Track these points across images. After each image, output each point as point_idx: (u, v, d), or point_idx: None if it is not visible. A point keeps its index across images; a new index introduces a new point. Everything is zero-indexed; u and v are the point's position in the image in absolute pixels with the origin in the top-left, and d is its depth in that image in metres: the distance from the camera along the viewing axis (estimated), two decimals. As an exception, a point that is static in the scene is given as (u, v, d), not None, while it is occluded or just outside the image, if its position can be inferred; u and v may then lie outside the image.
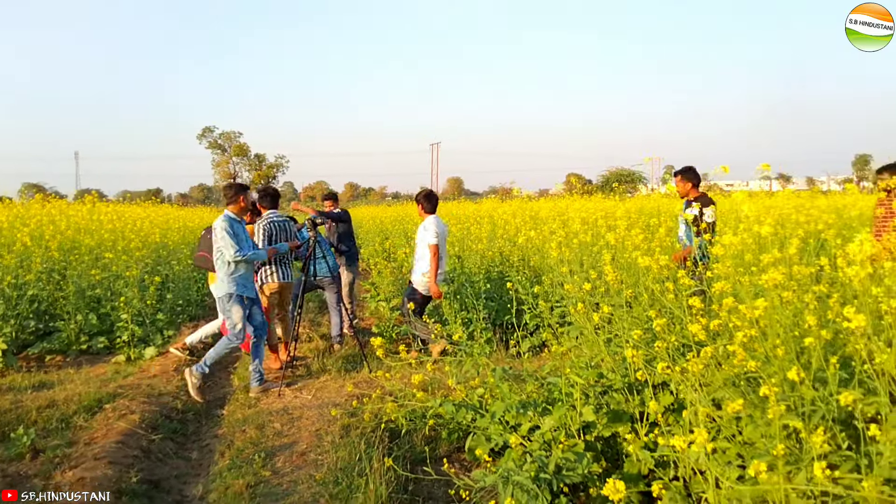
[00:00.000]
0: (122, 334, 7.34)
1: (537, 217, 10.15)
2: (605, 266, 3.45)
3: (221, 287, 5.71)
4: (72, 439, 4.67)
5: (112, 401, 5.42)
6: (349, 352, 7.04)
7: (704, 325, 2.97)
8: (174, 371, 6.38)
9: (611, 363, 3.75)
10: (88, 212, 10.19)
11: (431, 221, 6.80)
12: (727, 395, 2.57)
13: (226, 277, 5.69)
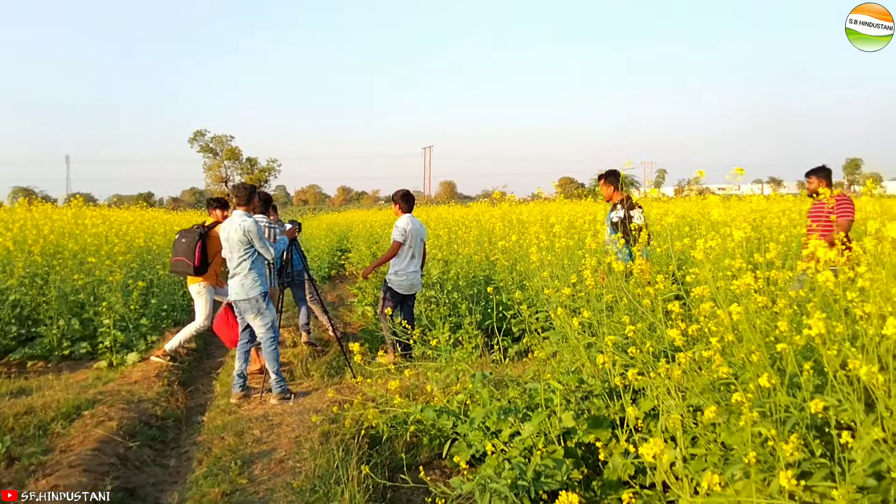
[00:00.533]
0: (105, 340, 7.26)
1: (524, 221, 10.12)
2: (585, 271, 3.42)
3: (252, 288, 5.57)
4: (48, 446, 4.60)
5: (91, 407, 5.34)
6: (333, 357, 6.98)
7: (683, 329, 2.95)
8: (156, 377, 6.31)
9: (591, 368, 3.72)
10: (73, 216, 10.10)
11: (402, 220, 6.90)
12: (703, 402, 2.54)
13: (259, 278, 5.64)
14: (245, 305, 5.61)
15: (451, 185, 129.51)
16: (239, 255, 5.55)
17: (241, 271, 5.57)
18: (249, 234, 5.49)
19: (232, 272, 5.62)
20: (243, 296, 5.58)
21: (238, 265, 5.57)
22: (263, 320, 5.64)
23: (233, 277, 5.62)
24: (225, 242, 5.62)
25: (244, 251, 5.55)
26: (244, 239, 5.52)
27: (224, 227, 5.65)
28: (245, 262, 5.56)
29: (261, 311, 5.63)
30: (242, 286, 5.58)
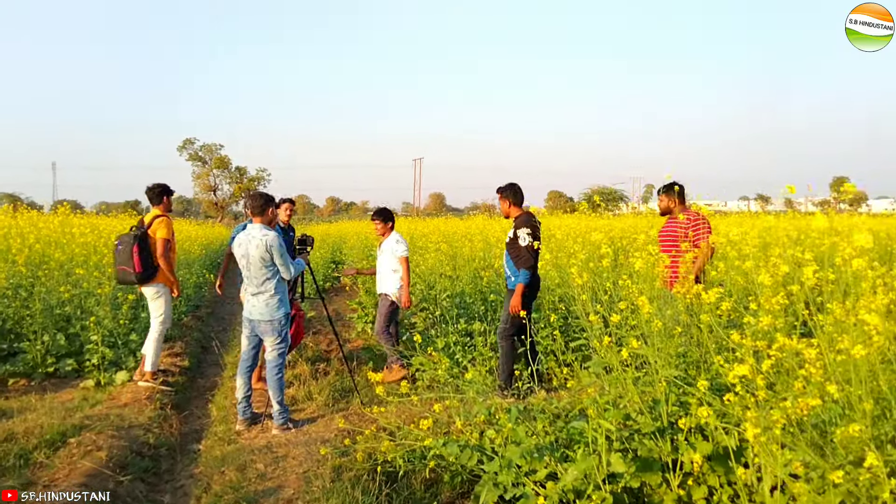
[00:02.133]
0: (92, 357, 6.82)
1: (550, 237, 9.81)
2: (640, 297, 3.07)
3: (278, 309, 5.19)
4: (30, 479, 4.18)
5: (77, 434, 4.91)
6: (337, 378, 6.57)
7: (753, 366, 2.60)
8: (147, 399, 5.88)
9: (639, 404, 3.36)
10: (60, 224, 9.65)
11: (399, 236, 6.90)
12: (810, 460, 2.18)
13: (284, 297, 5.28)
14: (267, 327, 5.22)
15: (441, 198, 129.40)
16: (263, 275, 5.15)
17: (266, 291, 5.18)
18: (272, 249, 5.10)
19: (255, 290, 5.20)
20: (268, 317, 5.19)
21: (262, 284, 5.17)
22: (280, 345, 5.26)
23: (256, 296, 5.21)
24: (242, 259, 5.22)
25: (268, 270, 5.16)
26: (266, 256, 5.12)
27: (240, 242, 5.25)
28: (270, 281, 5.17)
29: (280, 334, 5.25)
30: (268, 306, 5.19)
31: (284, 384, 5.34)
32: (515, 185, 6.02)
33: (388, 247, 6.80)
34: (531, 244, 5.62)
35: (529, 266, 5.65)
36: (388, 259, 6.75)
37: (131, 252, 6.18)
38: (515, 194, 5.97)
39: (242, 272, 5.28)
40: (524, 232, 5.69)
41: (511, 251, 5.82)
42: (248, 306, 5.29)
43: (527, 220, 5.77)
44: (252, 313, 5.23)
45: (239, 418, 5.36)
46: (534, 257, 5.69)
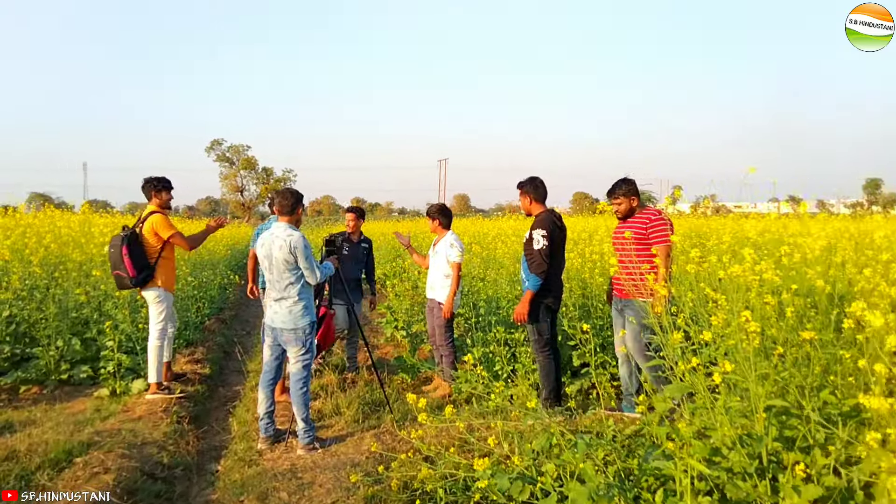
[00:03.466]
0: (107, 364, 6.42)
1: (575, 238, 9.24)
2: (745, 313, 2.51)
3: (302, 317, 4.72)
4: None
5: (85, 452, 4.48)
6: (366, 390, 6.08)
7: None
8: (163, 412, 5.44)
9: (732, 435, 2.81)
10: (80, 223, 9.30)
11: (456, 238, 6.22)
12: None
13: (310, 305, 4.82)
14: (290, 336, 4.74)
15: (465, 199, 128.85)
16: (287, 278, 4.68)
17: (290, 296, 4.71)
18: (296, 251, 4.63)
19: (278, 295, 4.73)
20: (291, 325, 4.71)
21: (286, 288, 4.70)
22: (304, 356, 4.78)
23: (279, 302, 4.74)
24: (265, 260, 4.76)
25: (292, 273, 4.69)
26: (290, 258, 4.65)
27: (263, 241, 4.79)
28: (294, 286, 4.70)
29: (305, 345, 4.76)
30: (291, 313, 4.71)
31: (309, 398, 4.84)
32: (537, 178, 5.48)
33: (442, 248, 6.20)
34: (545, 248, 5.11)
35: (542, 272, 5.13)
36: (440, 262, 6.17)
37: (121, 255, 5.78)
38: (536, 189, 5.43)
39: (265, 274, 4.82)
40: (539, 233, 5.16)
41: (526, 253, 5.32)
42: (269, 313, 4.82)
43: (545, 221, 5.23)
44: (274, 321, 4.76)
45: (261, 436, 4.90)
46: (548, 262, 5.16)
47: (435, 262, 6.23)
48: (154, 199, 6.24)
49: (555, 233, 5.21)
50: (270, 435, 4.90)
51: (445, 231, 6.25)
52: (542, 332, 5.26)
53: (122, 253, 5.76)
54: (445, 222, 6.28)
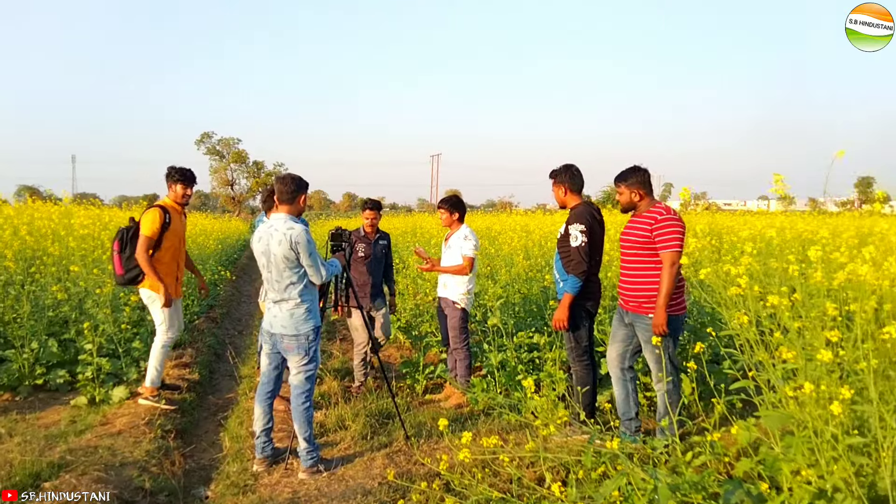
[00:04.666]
0: (86, 369, 5.82)
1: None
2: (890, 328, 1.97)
3: (305, 321, 4.12)
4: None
5: (56, 475, 3.90)
6: (372, 399, 5.52)
7: None
8: (146, 425, 4.86)
9: (848, 472, 2.28)
10: (61, 215, 8.68)
11: (471, 231, 5.70)
12: None
13: (314, 308, 4.21)
14: (291, 343, 4.13)
15: (457, 195, 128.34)
16: (287, 278, 4.08)
17: (291, 298, 4.11)
18: (298, 246, 4.01)
19: (278, 297, 4.15)
20: (292, 331, 4.11)
21: (286, 289, 4.10)
22: (308, 366, 4.18)
23: (278, 304, 4.15)
24: (261, 257, 4.15)
25: (293, 272, 4.08)
26: (291, 255, 4.04)
27: (260, 236, 4.17)
28: (296, 286, 4.09)
29: (308, 353, 4.16)
30: (292, 317, 4.10)
31: (313, 414, 4.26)
32: (573, 166, 4.82)
33: (455, 242, 5.65)
34: (584, 245, 4.50)
35: (581, 272, 4.51)
36: (454, 257, 5.62)
37: (112, 249, 5.46)
38: (573, 178, 4.77)
39: (262, 273, 4.23)
40: (577, 229, 4.54)
41: (561, 251, 4.71)
42: (268, 316, 4.24)
43: (582, 214, 4.59)
44: (273, 325, 4.18)
45: (257, 456, 4.33)
46: (588, 262, 4.53)
47: (447, 257, 5.68)
48: (169, 192, 5.66)
49: (594, 227, 4.61)
50: (268, 455, 4.34)
51: (460, 224, 5.71)
52: (580, 339, 4.70)
53: (114, 248, 5.42)
54: (461, 215, 5.73)
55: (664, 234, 4.06)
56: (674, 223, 4.07)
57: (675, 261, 3.99)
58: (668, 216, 4.11)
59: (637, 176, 4.30)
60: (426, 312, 8.01)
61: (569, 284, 4.55)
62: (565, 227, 4.70)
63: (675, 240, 4.03)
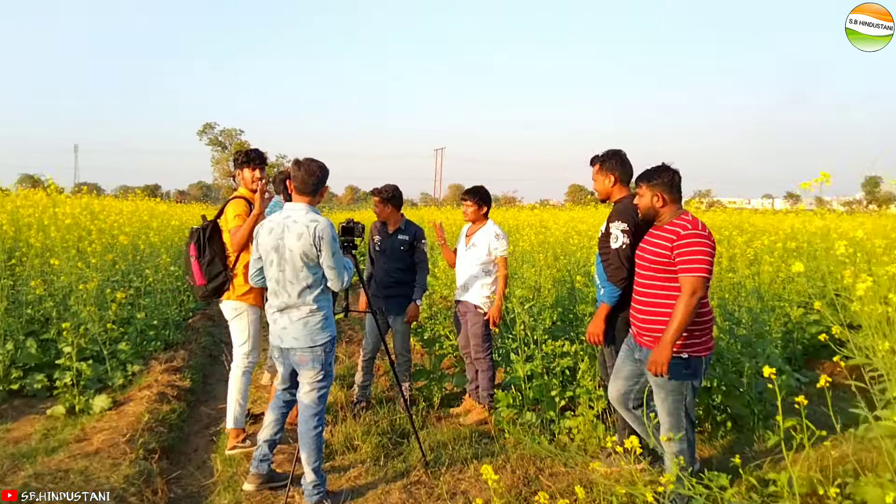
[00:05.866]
0: (64, 375, 5.24)
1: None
2: None
3: (321, 330, 3.50)
4: None
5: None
6: (384, 414, 4.92)
7: None
8: (127, 443, 4.26)
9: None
10: (44, 205, 8.07)
11: (499, 228, 5.10)
12: None
13: (329, 313, 3.57)
14: (306, 357, 3.49)
15: (460, 189, 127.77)
16: (304, 279, 3.45)
17: (305, 304, 3.48)
18: (322, 243, 3.38)
19: (287, 303, 3.49)
20: (307, 342, 3.48)
21: (301, 293, 3.46)
22: (321, 382, 3.55)
23: (288, 312, 3.50)
24: (271, 253, 3.49)
25: (311, 273, 3.45)
26: (312, 253, 3.40)
27: (271, 227, 3.50)
28: (312, 290, 3.47)
29: (324, 367, 3.53)
30: (306, 326, 3.46)
31: (323, 441, 3.63)
32: (621, 152, 4.07)
33: (482, 240, 5.00)
34: (625, 247, 3.76)
35: (620, 279, 3.78)
36: (477, 257, 4.99)
37: (188, 255, 4.35)
38: (624, 166, 4.02)
39: (266, 272, 3.56)
40: (619, 227, 3.80)
41: (601, 253, 4.00)
42: (275, 328, 3.57)
43: (627, 210, 3.84)
44: (283, 339, 3.52)
45: (251, 470, 3.75)
46: (629, 267, 3.76)
47: (469, 257, 5.05)
48: (240, 182, 4.63)
49: (640, 229, 3.85)
50: (262, 473, 3.75)
51: (486, 220, 5.10)
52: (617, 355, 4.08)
53: (190, 253, 4.30)
54: (488, 209, 5.12)
55: (687, 252, 3.22)
56: (701, 241, 3.23)
57: (698, 289, 3.17)
58: (695, 231, 3.27)
59: (664, 176, 3.44)
60: (439, 314, 7.42)
61: (606, 293, 3.90)
62: (606, 224, 4.03)
63: (700, 262, 3.19)
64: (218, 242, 4.35)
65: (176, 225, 11.06)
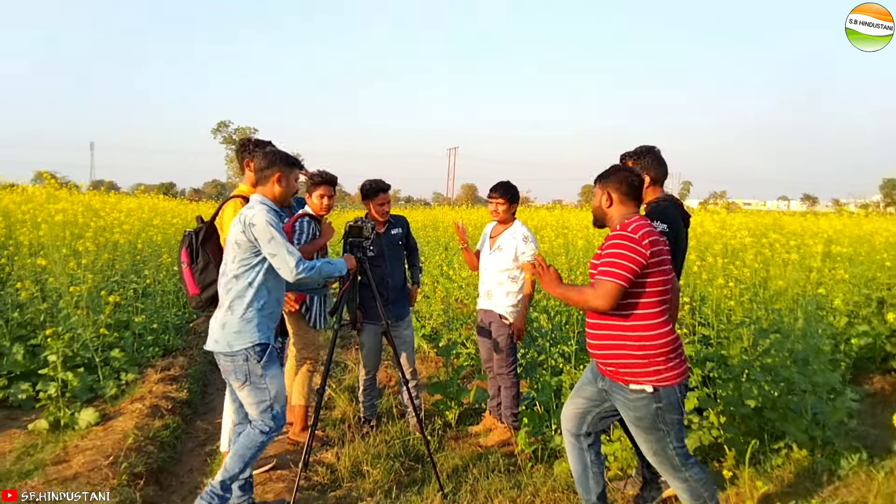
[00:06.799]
0: (48, 386, 4.83)
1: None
2: None
3: (242, 334, 3.06)
4: None
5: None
6: (396, 433, 4.45)
7: None
8: (109, 466, 3.81)
9: None
10: (40, 200, 7.68)
11: (528, 230, 4.58)
12: None
13: (258, 315, 3.11)
14: (227, 365, 3.10)
15: (473, 189, 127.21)
16: (232, 271, 3.11)
17: (227, 297, 3.11)
18: (253, 230, 3.03)
19: (221, 299, 3.16)
20: (223, 346, 3.07)
21: (226, 285, 3.12)
22: (255, 396, 3.11)
23: (218, 309, 3.18)
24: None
25: (239, 263, 3.09)
26: (243, 240, 3.07)
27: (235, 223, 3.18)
28: (237, 282, 3.09)
29: (251, 380, 3.08)
30: (224, 328, 3.07)
31: (256, 456, 3.20)
32: (655, 148, 3.60)
33: (509, 242, 4.50)
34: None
35: None
36: (503, 261, 4.49)
37: (179, 261, 3.74)
38: (660, 165, 3.55)
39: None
40: (658, 229, 3.25)
41: None
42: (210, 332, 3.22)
43: (667, 211, 3.40)
44: (208, 340, 3.18)
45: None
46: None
47: (494, 261, 4.56)
48: (246, 172, 4.14)
49: (680, 231, 3.46)
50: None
51: (513, 220, 4.61)
52: None
53: (181, 259, 3.69)
54: (515, 207, 4.64)
55: (606, 255, 2.78)
56: (625, 243, 2.74)
57: (607, 294, 2.70)
58: (622, 233, 2.78)
59: (617, 176, 2.97)
60: (455, 319, 6.95)
61: None
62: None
63: (616, 266, 2.72)
64: (213, 247, 3.76)
65: (178, 223, 10.64)
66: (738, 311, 4.95)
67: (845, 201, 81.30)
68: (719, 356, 4.47)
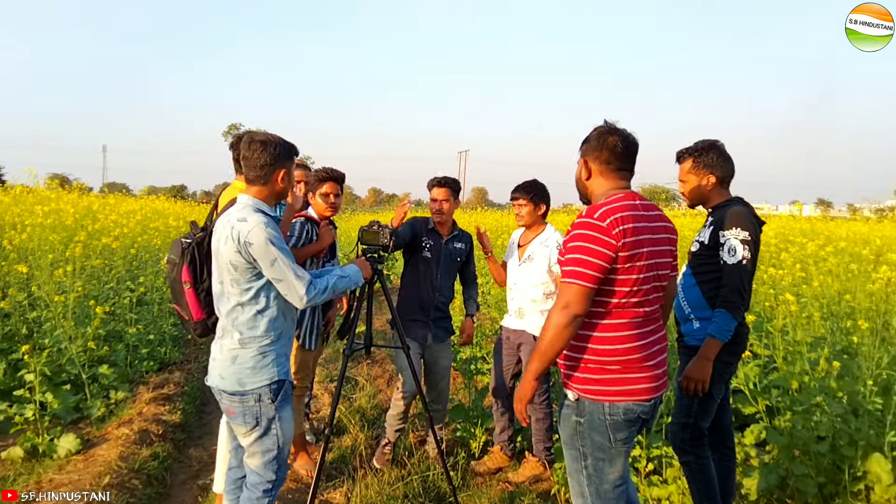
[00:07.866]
0: (24, 409, 4.34)
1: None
2: None
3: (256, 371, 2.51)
4: None
5: None
6: (416, 468, 3.93)
7: None
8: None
9: None
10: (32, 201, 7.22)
11: (560, 234, 3.84)
12: None
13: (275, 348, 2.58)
14: (233, 406, 2.54)
15: (483, 192, 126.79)
16: (236, 296, 2.51)
17: (235, 328, 2.52)
18: (250, 250, 2.42)
19: (221, 327, 2.59)
20: (233, 384, 2.51)
21: (229, 314, 2.53)
22: (263, 444, 2.56)
23: (220, 337, 2.59)
24: (214, 259, 2.59)
25: (243, 288, 2.49)
26: (241, 262, 2.46)
27: (216, 229, 2.60)
28: (244, 310, 2.50)
29: (261, 424, 2.53)
30: (234, 362, 2.51)
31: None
32: (720, 143, 3.10)
33: (541, 251, 3.92)
34: (745, 263, 2.83)
35: (738, 305, 2.85)
36: (536, 272, 3.90)
37: (179, 278, 2.88)
38: (726, 161, 3.07)
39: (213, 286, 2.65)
40: (738, 237, 2.85)
41: (698, 271, 3.02)
42: (210, 367, 2.65)
43: (745, 216, 2.91)
44: (210, 374, 2.60)
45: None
46: (749, 290, 2.91)
47: (525, 274, 3.98)
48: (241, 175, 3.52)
49: (758, 239, 2.96)
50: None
51: (544, 224, 4.05)
52: (705, 411, 3.02)
53: (181, 279, 2.87)
54: (547, 209, 4.05)
55: (567, 250, 2.25)
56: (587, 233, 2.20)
57: (572, 302, 2.17)
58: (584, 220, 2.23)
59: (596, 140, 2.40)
60: (476, 331, 6.41)
61: (718, 324, 2.86)
62: (711, 231, 2.99)
63: (577, 263, 2.19)
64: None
65: (182, 226, 10.17)
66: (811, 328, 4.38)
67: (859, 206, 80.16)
68: (784, 382, 3.89)
